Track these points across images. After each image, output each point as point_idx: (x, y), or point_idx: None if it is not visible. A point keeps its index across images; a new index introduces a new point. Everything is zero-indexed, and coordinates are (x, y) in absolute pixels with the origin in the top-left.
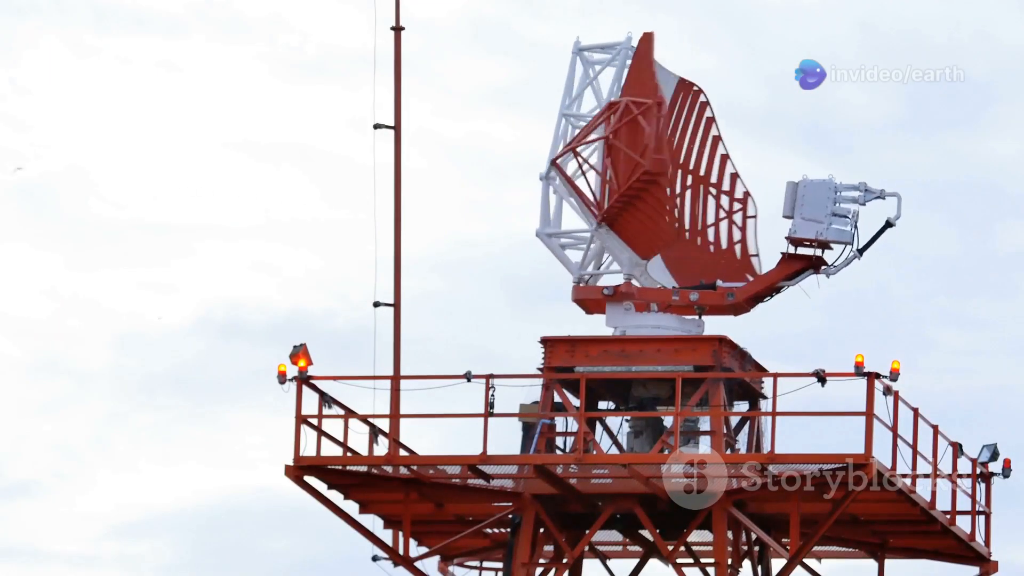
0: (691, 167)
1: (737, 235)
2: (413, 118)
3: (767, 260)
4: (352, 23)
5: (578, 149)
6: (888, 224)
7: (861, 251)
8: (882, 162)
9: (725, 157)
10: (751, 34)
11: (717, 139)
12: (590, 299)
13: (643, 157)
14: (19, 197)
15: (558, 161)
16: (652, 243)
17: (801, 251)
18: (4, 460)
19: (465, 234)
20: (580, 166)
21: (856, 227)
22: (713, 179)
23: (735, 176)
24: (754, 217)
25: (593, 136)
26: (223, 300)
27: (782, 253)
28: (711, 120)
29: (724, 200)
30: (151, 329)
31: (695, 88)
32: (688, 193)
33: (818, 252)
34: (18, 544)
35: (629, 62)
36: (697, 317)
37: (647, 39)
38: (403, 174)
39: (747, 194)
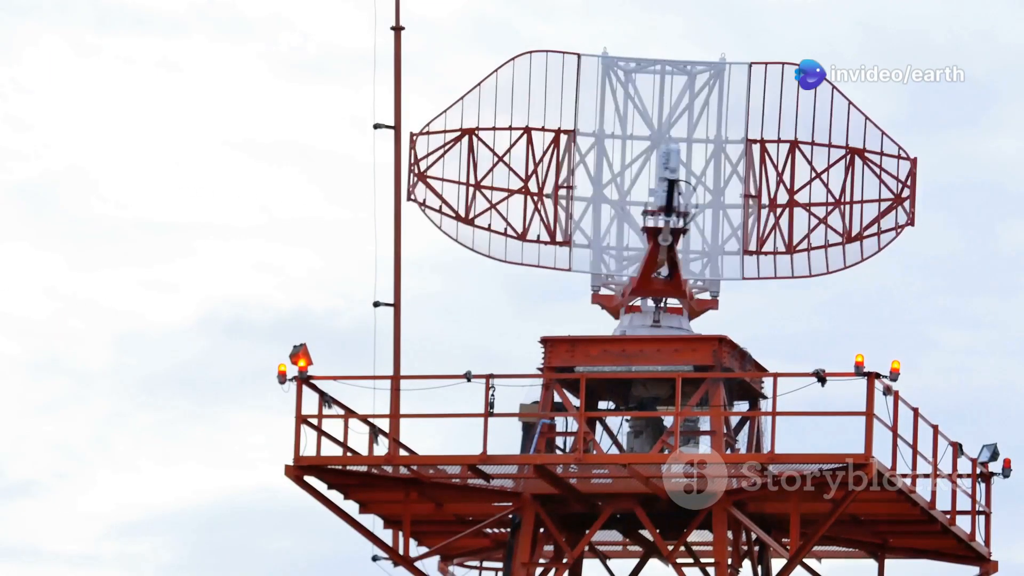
0: None
1: None
2: (414, 117)
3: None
4: (353, 22)
5: None
6: (672, 180)
7: (668, 211)
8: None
9: None
10: (752, 33)
11: None
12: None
13: None
14: (20, 197)
15: None
16: None
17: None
18: (5, 460)
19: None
20: None
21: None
22: None
23: None
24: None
25: None
26: (224, 300)
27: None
28: None
29: None
30: (152, 329)
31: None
32: None
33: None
34: (19, 544)
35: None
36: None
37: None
38: (403, 173)
39: None
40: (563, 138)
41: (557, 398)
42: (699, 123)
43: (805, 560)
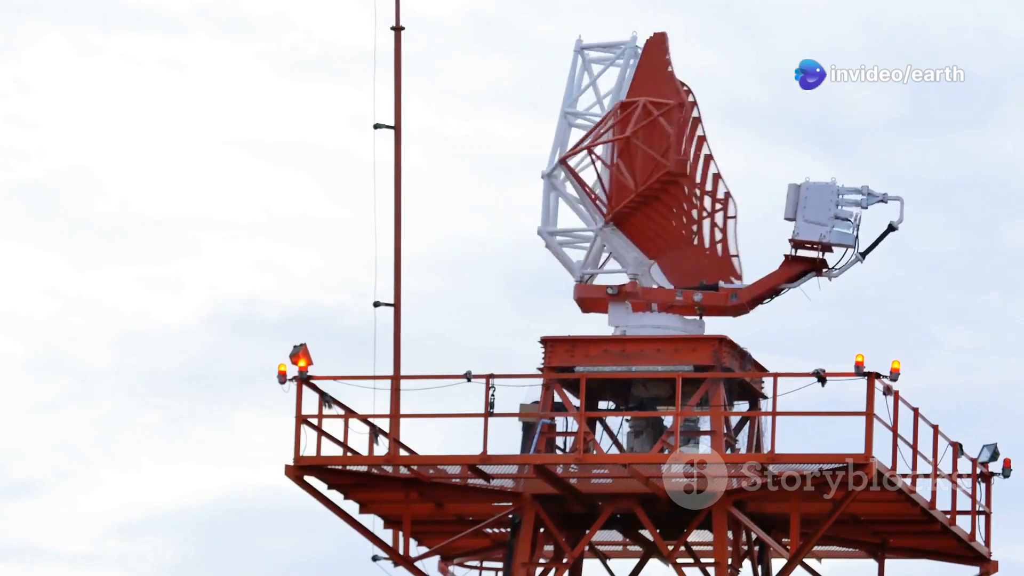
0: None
1: (718, 235)
2: (414, 117)
3: (756, 260)
4: (355, 22)
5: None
6: (891, 228)
7: (864, 254)
8: (885, 160)
9: (709, 157)
10: (754, 32)
11: (702, 139)
12: (591, 298)
13: (665, 157)
14: (23, 196)
15: (569, 161)
16: (661, 243)
17: (803, 253)
18: (7, 459)
19: (466, 233)
20: (593, 163)
21: (858, 230)
22: (697, 179)
23: (717, 176)
24: (734, 218)
25: (607, 136)
26: (225, 299)
27: (785, 255)
28: (697, 120)
29: (707, 201)
30: (154, 328)
31: (684, 88)
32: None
33: (820, 255)
34: (20, 543)
35: (634, 61)
36: (698, 317)
37: (660, 38)
38: (404, 173)
39: (728, 195)
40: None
41: (557, 398)
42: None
43: (805, 560)
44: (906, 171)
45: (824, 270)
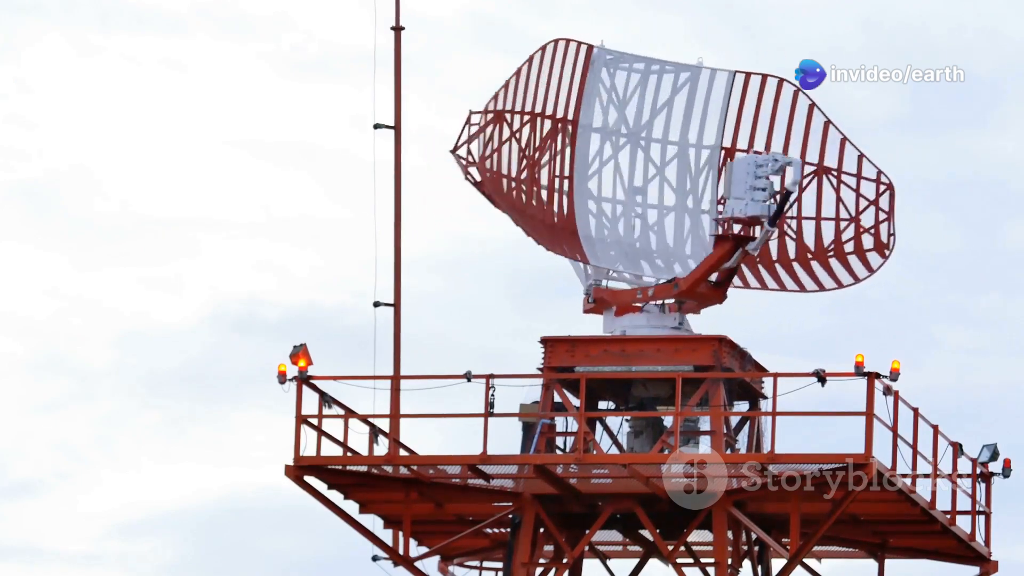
0: None
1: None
2: (414, 117)
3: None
4: (355, 21)
5: None
6: (787, 193)
7: (772, 222)
8: (885, 160)
9: None
10: (754, 32)
11: None
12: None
13: None
14: (23, 196)
15: None
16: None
17: (737, 230)
18: (7, 459)
19: (465, 233)
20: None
21: (775, 198)
22: None
23: None
24: None
25: None
26: (225, 299)
27: (711, 235)
28: None
29: None
30: (154, 328)
31: None
32: None
33: (748, 229)
34: (20, 543)
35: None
36: (676, 313)
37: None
38: (404, 173)
39: None
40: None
41: (557, 398)
42: (672, 124)
43: (805, 560)
44: (906, 171)
45: (747, 244)
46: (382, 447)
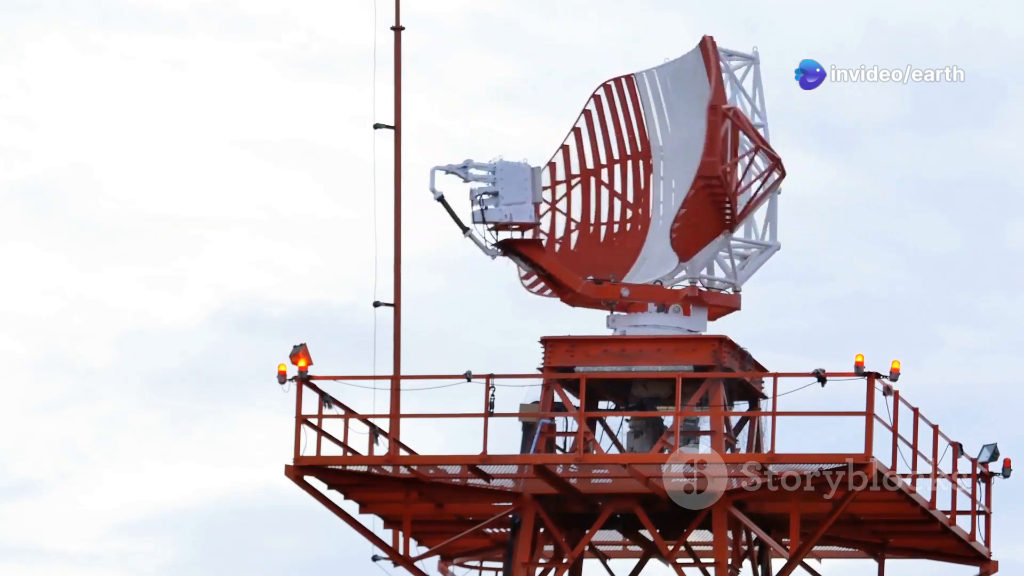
0: None
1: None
2: (414, 117)
3: None
4: (357, 21)
5: None
6: (441, 199)
7: (464, 230)
8: (886, 160)
9: None
10: (755, 31)
11: None
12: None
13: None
14: (24, 195)
15: None
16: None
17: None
18: (8, 459)
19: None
20: None
21: (480, 204)
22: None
23: None
24: None
25: None
26: (226, 299)
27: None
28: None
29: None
30: (155, 327)
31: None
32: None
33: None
34: (21, 543)
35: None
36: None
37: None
38: (404, 173)
39: None
40: None
41: (557, 398)
42: None
43: (805, 560)
44: (906, 171)
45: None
46: (382, 447)
